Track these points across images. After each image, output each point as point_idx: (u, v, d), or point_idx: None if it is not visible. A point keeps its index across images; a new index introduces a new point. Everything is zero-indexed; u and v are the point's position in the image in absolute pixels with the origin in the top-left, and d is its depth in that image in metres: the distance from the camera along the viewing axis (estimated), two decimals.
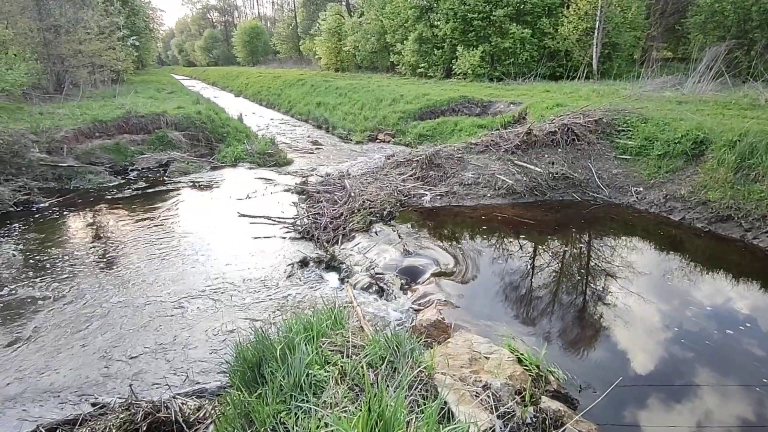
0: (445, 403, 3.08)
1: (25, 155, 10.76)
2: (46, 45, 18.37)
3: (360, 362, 3.28)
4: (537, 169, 9.61)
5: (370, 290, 6.07)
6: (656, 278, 6.26)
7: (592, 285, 6.16)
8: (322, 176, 11.35)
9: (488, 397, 3.29)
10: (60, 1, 19.16)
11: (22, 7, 17.99)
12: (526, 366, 3.98)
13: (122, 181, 11.71)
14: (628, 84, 16.02)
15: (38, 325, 5.36)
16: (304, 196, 10.00)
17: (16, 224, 8.58)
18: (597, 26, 19.12)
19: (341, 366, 3.31)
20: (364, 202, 8.65)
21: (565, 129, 10.28)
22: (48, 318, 5.51)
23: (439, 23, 23.52)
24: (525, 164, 9.75)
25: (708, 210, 7.76)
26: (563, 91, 15.87)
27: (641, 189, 9.00)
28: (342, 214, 8.35)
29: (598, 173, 9.62)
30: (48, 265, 6.90)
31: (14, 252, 7.38)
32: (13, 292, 6.12)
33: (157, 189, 11.07)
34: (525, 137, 10.25)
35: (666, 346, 4.80)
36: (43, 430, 3.54)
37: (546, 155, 10.04)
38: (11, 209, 9.26)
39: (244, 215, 8.96)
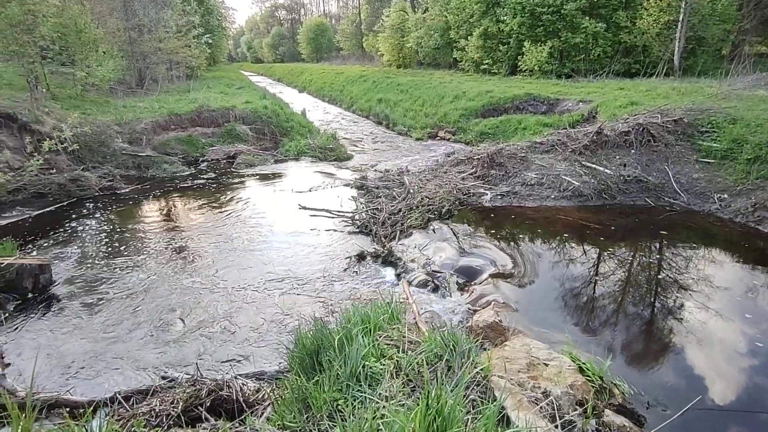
0: (503, 407, 2.99)
1: (110, 145, 11.74)
2: (131, 43, 19.87)
3: (416, 358, 3.27)
4: (607, 170, 9.10)
5: (426, 287, 6.03)
6: (739, 295, 5.70)
7: (663, 297, 5.74)
8: (381, 172, 11.42)
9: (548, 404, 3.16)
10: (144, 2, 20.63)
11: (111, 9, 19.59)
12: (588, 376, 3.79)
13: (194, 171, 12.46)
14: (715, 81, 14.69)
15: (114, 298, 5.82)
16: (363, 191, 10.11)
17: (102, 207, 9.38)
18: (681, 19, 17.70)
19: (397, 360, 3.32)
20: (422, 199, 8.60)
21: (640, 129, 9.64)
22: (122, 294, 5.97)
23: (505, 18, 22.86)
24: (594, 165, 9.26)
25: None
26: (639, 89, 14.86)
27: (725, 196, 8.25)
28: (400, 210, 8.36)
29: (675, 177, 8.94)
30: (127, 245, 7.49)
31: (100, 231, 8.07)
32: (94, 266, 6.70)
33: (224, 180, 11.67)
34: (595, 137, 9.74)
35: (750, 371, 4.35)
36: (120, 396, 3.83)
37: (617, 156, 9.48)
38: (97, 194, 10.15)
39: (305, 207, 9.22)
